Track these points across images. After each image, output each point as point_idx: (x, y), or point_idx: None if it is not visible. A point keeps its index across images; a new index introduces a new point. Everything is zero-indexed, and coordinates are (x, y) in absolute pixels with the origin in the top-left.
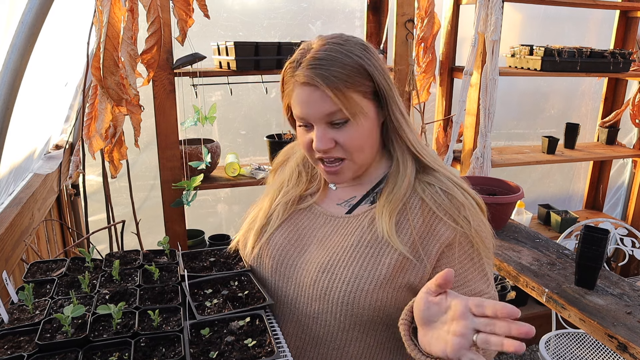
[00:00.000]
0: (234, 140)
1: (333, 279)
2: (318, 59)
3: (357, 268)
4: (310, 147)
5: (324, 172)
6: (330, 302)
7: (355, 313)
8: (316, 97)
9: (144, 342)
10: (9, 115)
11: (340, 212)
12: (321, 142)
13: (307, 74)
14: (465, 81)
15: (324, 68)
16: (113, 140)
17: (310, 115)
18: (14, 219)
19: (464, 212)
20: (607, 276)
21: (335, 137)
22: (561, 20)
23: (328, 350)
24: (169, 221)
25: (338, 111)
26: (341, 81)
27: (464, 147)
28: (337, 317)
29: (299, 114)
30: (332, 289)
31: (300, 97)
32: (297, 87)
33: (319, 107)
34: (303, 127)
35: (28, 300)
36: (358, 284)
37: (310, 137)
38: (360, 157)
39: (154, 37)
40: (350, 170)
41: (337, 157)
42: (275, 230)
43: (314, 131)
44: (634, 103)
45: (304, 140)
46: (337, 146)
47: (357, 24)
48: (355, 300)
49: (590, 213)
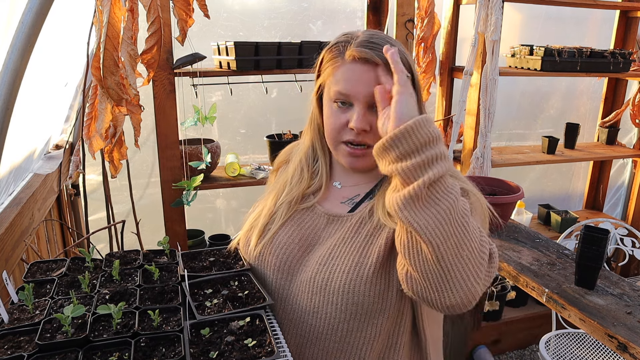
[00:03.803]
0: (233, 139)
1: (333, 270)
2: (374, 42)
3: (356, 256)
4: (340, 128)
5: (346, 155)
6: (330, 293)
7: (355, 301)
8: (370, 76)
9: (144, 342)
10: (9, 115)
11: (342, 211)
12: (361, 122)
13: (365, 51)
14: (465, 81)
15: (381, 48)
16: (113, 140)
17: (357, 93)
18: (14, 219)
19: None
20: (607, 276)
21: (372, 122)
22: (561, 20)
23: (328, 344)
24: (169, 221)
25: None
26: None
27: (464, 147)
28: (338, 308)
29: (343, 90)
30: (332, 279)
31: (349, 73)
32: (347, 64)
33: (369, 85)
34: (339, 106)
35: (28, 300)
36: (358, 270)
37: (345, 117)
38: None
39: (154, 37)
40: (372, 158)
41: (366, 142)
42: (279, 229)
43: (351, 111)
44: (634, 103)
45: (336, 120)
46: (371, 132)
47: (358, 23)
48: (355, 287)
49: (590, 213)
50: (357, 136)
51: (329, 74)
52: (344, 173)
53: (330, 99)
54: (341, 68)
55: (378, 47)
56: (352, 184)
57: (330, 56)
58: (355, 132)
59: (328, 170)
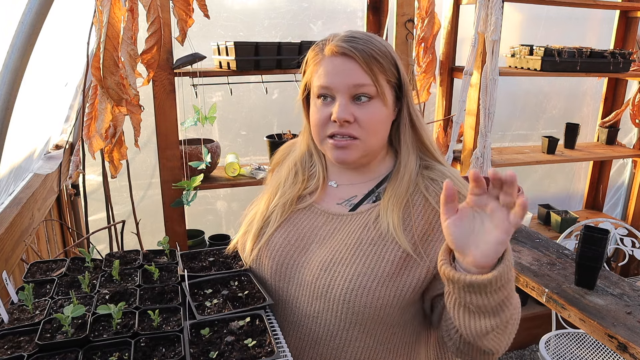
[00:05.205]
0: (234, 141)
1: (335, 277)
2: (353, 37)
3: (359, 266)
4: (325, 122)
5: (332, 148)
6: (331, 301)
7: (356, 311)
8: (349, 67)
9: (144, 342)
10: (9, 115)
11: (342, 210)
12: (343, 112)
13: (342, 45)
14: (465, 81)
15: (360, 42)
16: (113, 140)
17: (337, 84)
18: (14, 219)
19: None
20: (607, 276)
21: (355, 112)
22: (561, 20)
23: (327, 350)
24: (169, 221)
25: (366, 85)
26: (374, 60)
27: (464, 147)
28: (338, 316)
29: (324, 83)
30: (333, 286)
31: (330, 66)
32: (327, 59)
33: (349, 76)
34: (322, 101)
35: (28, 300)
36: (360, 281)
37: (328, 110)
38: (372, 141)
39: (154, 37)
40: (358, 151)
41: (350, 134)
42: (275, 232)
43: (334, 105)
44: (634, 103)
45: (320, 115)
46: (355, 123)
47: (359, 23)
48: (356, 298)
49: (590, 213)
50: (340, 128)
51: (312, 71)
52: (338, 172)
53: (314, 95)
54: (322, 63)
55: (356, 41)
56: (348, 183)
57: (312, 54)
58: (338, 124)
59: (325, 171)
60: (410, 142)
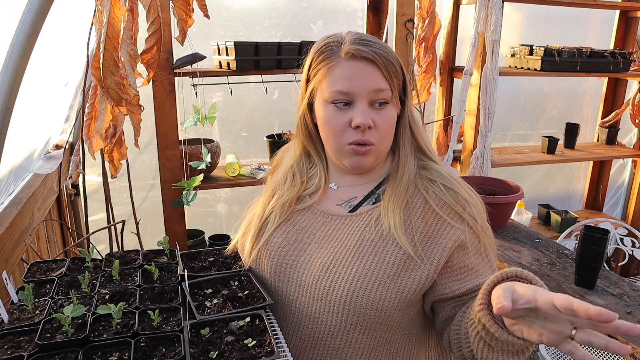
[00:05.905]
0: (235, 142)
1: (335, 278)
2: (368, 40)
3: (360, 267)
4: (344, 129)
5: (352, 154)
6: (331, 302)
7: (356, 313)
8: (369, 72)
9: (144, 342)
10: (9, 115)
11: (341, 211)
12: (365, 117)
13: (361, 49)
14: (465, 81)
15: (375, 46)
16: (113, 140)
17: (358, 89)
18: (14, 219)
19: (469, 210)
20: (607, 276)
21: (374, 117)
22: (561, 20)
23: (327, 351)
24: (169, 221)
25: (385, 90)
26: (391, 64)
27: (464, 147)
28: (339, 317)
29: (344, 89)
30: (334, 288)
31: (348, 71)
32: (343, 62)
33: (370, 81)
34: (338, 107)
35: (28, 300)
36: (361, 283)
37: (347, 117)
38: (384, 146)
39: (154, 37)
40: (374, 156)
41: (370, 140)
42: (274, 232)
43: (352, 110)
44: (634, 103)
45: (338, 122)
46: (374, 128)
47: (359, 23)
48: (357, 299)
49: (590, 213)
50: (363, 134)
51: (322, 75)
52: (338, 174)
53: (325, 101)
54: (338, 67)
55: (372, 45)
56: (347, 184)
57: (322, 57)
58: (360, 130)
59: (326, 173)
60: (409, 143)
